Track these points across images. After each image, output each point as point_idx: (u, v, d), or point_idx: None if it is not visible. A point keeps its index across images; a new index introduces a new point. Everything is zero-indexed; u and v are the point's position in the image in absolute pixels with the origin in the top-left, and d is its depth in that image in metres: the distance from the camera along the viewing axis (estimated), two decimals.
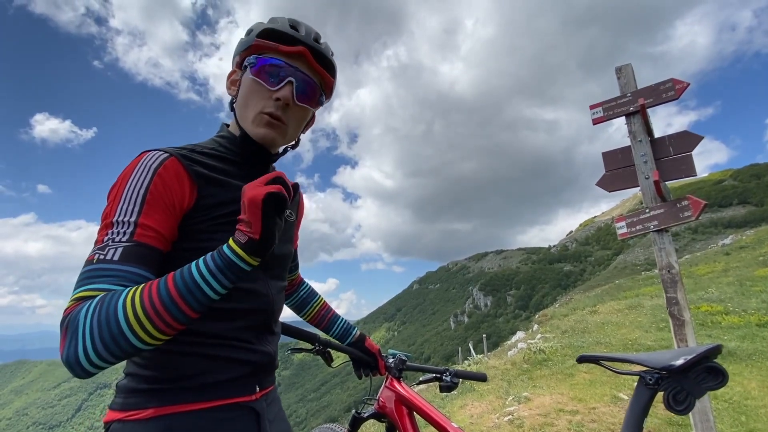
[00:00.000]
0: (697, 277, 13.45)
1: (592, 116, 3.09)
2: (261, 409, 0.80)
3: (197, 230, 0.73)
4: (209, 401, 0.72)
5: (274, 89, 0.79)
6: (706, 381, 0.70)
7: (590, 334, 7.57)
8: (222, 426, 0.73)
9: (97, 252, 0.65)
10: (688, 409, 0.72)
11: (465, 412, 4.22)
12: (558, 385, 4.68)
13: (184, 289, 0.60)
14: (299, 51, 0.81)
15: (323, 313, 1.25)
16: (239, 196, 0.76)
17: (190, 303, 0.60)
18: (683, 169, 2.71)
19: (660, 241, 2.64)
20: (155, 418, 0.68)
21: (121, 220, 0.67)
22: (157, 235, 0.69)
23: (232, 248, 0.63)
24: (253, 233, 0.62)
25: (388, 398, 1.24)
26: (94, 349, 0.57)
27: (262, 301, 0.81)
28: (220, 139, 0.86)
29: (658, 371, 0.75)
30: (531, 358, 6.11)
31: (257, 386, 0.80)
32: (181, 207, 0.72)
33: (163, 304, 0.59)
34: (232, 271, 0.62)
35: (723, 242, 27.14)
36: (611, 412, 3.61)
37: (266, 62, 0.79)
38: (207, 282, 0.61)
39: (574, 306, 14.12)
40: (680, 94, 2.77)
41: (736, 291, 9.43)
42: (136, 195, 0.68)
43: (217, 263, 0.62)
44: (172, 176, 0.71)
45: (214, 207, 0.75)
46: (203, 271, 0.61)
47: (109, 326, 0.57)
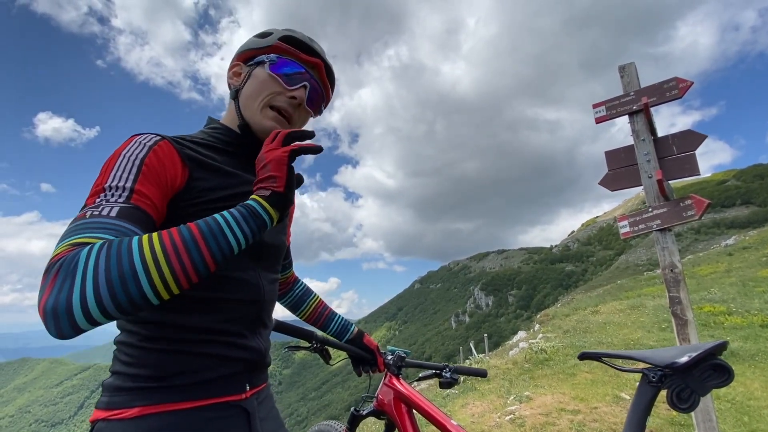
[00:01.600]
0: (700, 278, 13.40)
1: (594, 115, 3.08)
2: (251, 408, 0.78)
3: (186, 214, 0.71)
4: (197, 400, 0.70)
5: (291, 88, 0.84)
6: (711, 378, 0.70)
7: (592, 334, 7.55)
8: (210, 426, 0.71)
9: (89, 209, 0.60)
10: (692, 407, 0.71)
11: (466, 411, 4.21)
12: (559, 384, 4.67)
13: (207, 232, 0.58)
14: (317, 63, 0.88)
15: (320, 311, 1.23)
16: (231, 183, 0.78)
17: (211, 248, 0.57)
18: (687, 168, 2.69)
19: (663, 240, 2.63)
20: (140, 417, 0.66)
21: (116, 185, 0.63)
22: (152, 204, 0.66)
23: (257, 200, 0.65)
24: (277, 187, 0.65)
25: (386, 395, 1.24)
26: (96, 293, 0.49)
27: (252, 292, 0.79)
28: (211, 130, 0.86)
29: (661, 368, 0.75)
30: (532, 358, 6.10)
31: (247, 384, 0.78)
32: (173, 186, 0.70)
33: (185, 245, 0.55)
34: (256, 221, 0.63)
35: (726, 243, 27.03)
36: (613, 412, 3.60)
37: (288, 63, 0.84)
38: (231, 228, 0.60)
39: (576, 306, 14.08)
40: (684, 93, 2.75)
41: (738, 291, 9.38)
42: (131, 165, 0.66)
43: (242, 212, 0.62)
44: (166, 155, 0.71)
45: (205, 191, 0.74)
46: (228, 217, 0.61)
47: (120, 264, 0.50)
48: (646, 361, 0.78)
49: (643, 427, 0.76)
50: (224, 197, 0.75)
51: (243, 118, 0.84)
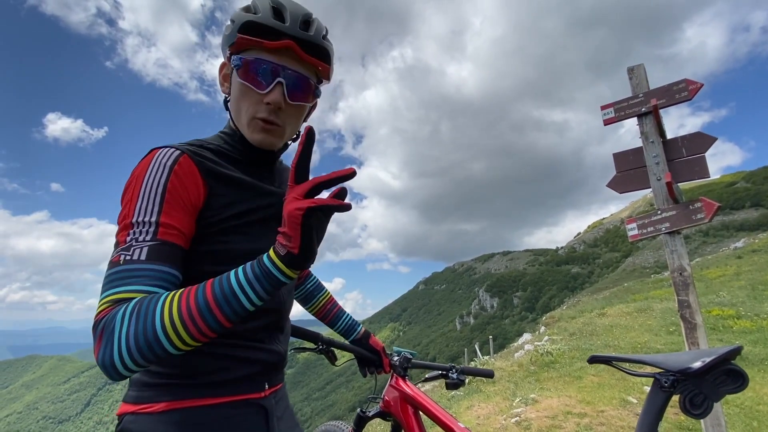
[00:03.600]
0: (708, 281, 13.22)
1: (603, 117, 3.06)
2: (270, 406, 0.82)
3: (209, 233, 0.73)
4: (220, 397, 0.74)
5: (264, 92, 0.74)
6: (725, 384, 0.69)
7: (598, 337, 7.49)
8: (231, 421, 0.74)
9: (121, 252, 0.63)
10: (706, 413, 0.71)
11: (471, 413, 4.19)
12: (566, 387, 4.63)
13: (221, 296, 0.59)
14: (285, 45, 0.72)
15: (329, 307, 1.24)
16: (247, 196, 0.78)
17: (225, 312, 0.59)
18: (696, 170, 2.66)
19: (672, 243, 2.60)
20: (167, 411, 0.70)
21: (142, 220, 0.65)
22: (179, 233, 0.68)
23: (272, 259, 0.60)
24: (292, 248, 0.59)
25: (392, 397, 1.24)
26: (130, 355, 0.56)
27: (273, 302, 0.82)
28: (225, 135, 0.84)
29: (674, 374, 0.74)
30: (538, 360, 6.05)
31: (266, 384, 0.82)
32: (196, 205, 0.71)
33: (200, 311, 0.58)
34: (270, 282, 0.60)
35: (735, 245, 26.66)
36: (620, 416, 3.56)
37: (251, 63, 0.73)
38: (244, 291, 0.59)
39: (582, 308, 13.97)
40: (693, 95, 2.72)
41: (748, 295, 9.25)
42: (154, 194, 0.67)
43: (256, 272, 0.60)
44: (186, 173, 0.70)
45: (225, 207, 0.74)
46: (242, 279, 0.60)
47: (146, 332, 0.56)
48: (658, 365, 0.77)
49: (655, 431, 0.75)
50: (241, 213, 0.75)
51: (238, 130, 0.81)
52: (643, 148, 2.84)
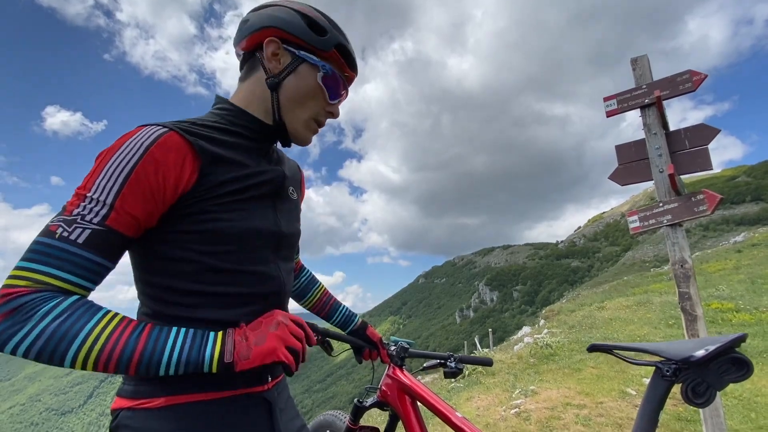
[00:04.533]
0: (708, 275, 13.24)
1: (606, 108, 3.02)
2: (272, 399, 0.79)
3: (199, 210, 0.68)
4: (222, 391, 0.71)
5: (332, 103, 0.83)
6: (730, 373, 0.68)
7: (598, 330, 7.51)
8: (234, 416, 0.72)
9: (62, 224, 0.59)
10: (708, 402, 0.70)
11: (471, 404, 4.22)
12: (565, 379, 4.66)
13: (147, 358, 0.59)
14: (353, 78, 0.88)
15: (324, 300, 1.21)
16: (244, 174, 0.74)
17: (139, 369, 0.59)
18: (699, 162, 2.64)
19: (673, 235, 2.59)
20: (167, 407, 0.67)
21: (97, 197, 0.61)
22: (133, 221, 0.63)
23: (212, 358, 0.62)
24: (242, 363, 0.63)
25: (390, 387, 1.23)
26: (30, 348, 0.54)
27: (274, 284, 0.78)
28: (222, 111, 0.79)
29: (676, 362, 0.73)
30: (538, 353, 6.08)
31: (269, 376, 0.79)
32: (175, 191, 0.66)
33: (120, 358, 0.58)
34: (194, 369, 0.62)
35: (735, 239, 26.67)
36: (619, 407, 3.58)
37: (338, 77, 0.82)
38: (168, 366, 0.61)
39: (582, 302, 14.01)
40: (697, 86, 2.69)
41: (747, 288, 9.27)
42: (118, 173, 0.62)
43: (190, 358, 0.62)
44: (168, 156, 0.65)
45: (219, 185, 0.70)
46: (174, 355, 0.61)
47: (61, 342, 0.55)
48: (660, 354, 0.76)
49: (655, 421, 0.74)
50: (237, 190, 0.72)
51: (281, 117, 0.79)
52: (645, 140, 2.81)
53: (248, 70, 0.82)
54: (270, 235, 0.77)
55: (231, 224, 0.70)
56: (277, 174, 0.81)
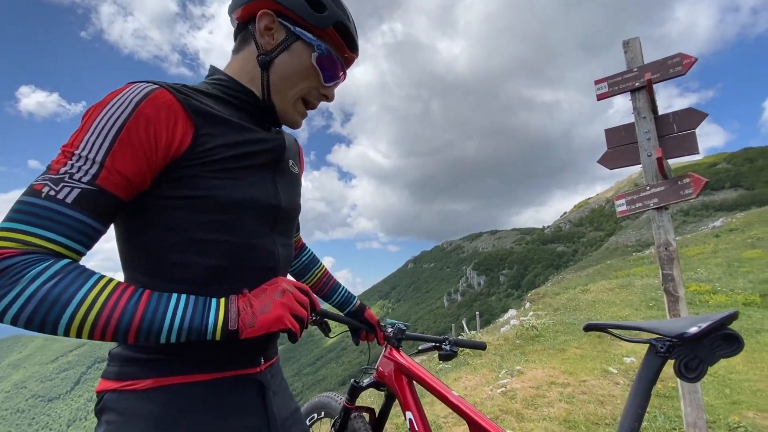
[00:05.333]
0: (688, 258, 13.69)
1: (596, 92, 3.02)
2: (266, 382, 0.77)
3: (192, 176, 0.64)
4: (213, 373, 0.69)
5: (327, 85, 0.80)
6: (721, 348, 0.69)
7: (581, 312, 7.73)
8: (226, 398, 0.70)
9: (48, 183, 0.55)
10: (700, 377, 0.71)
11: (459, 384, 4.32)
12: (550, 359, 4.80)
13: (147, 325, 0.56)
14: (353, 60, 0.84)
15: (325, 280, 1.21)
16: (244, 140, 0.71)
17: (138, 337, 0.56)
18: (686, 146, 2.68)
19: (659, 218, 2.64)
20: (155, 389, 0.65)
21: (86, 155, 0.57)
22: (125, 182, 0.59)
23: (216, 324, 0.60)
24: (247, 330, 0.62)
25: (386, 367, 1.24)
26: (18, 315, 0.51)
27: (268, 259, 0.74)
28: (216, 82, 0.75)
29: (669, 339, 0.74)
30: (523, 334, 6.24)
31: (262, 358, 0.77)
32: (167, 152, 0.62)
33: (118, 325, 0.54)
34: (198, 336, 0.60)
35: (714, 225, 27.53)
36: (600, 385, 3.72)
37: (334, 58, 0.78)
38: (170, 333, 0.58)
39: (566, 285, 14.37)
40: (687, 70, 2.70)
41: (724, 271, 9.63)
42: (108, 129, 0.58)
43: (193, 325, 0.59)
44: (159, 113, 0.61)
45: (214, 150, 0.66)
46: (176, 322, 0.58)
47: (53, 308, 0.51)
48: (655, 331, 0.77)
49: (648, 395, 0.76)
50: (233, 157, 0.68)
51: (269, 97, 0.76)
52: (634, 124, 2.83)
53: (241, 42, 0.78)
54: (268, 207, 0.74)
55: (226, 192, 0.66)
56: (277, 143, 0.77)
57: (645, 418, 2.83)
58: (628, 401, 0.76)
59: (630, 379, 3.88)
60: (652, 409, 2.98)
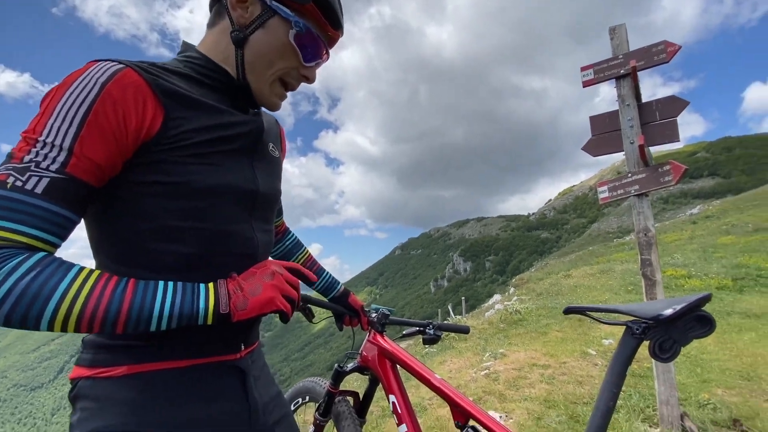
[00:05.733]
0: (665, 244, 14.12)
1: (582, 78, 3.03)
2: (246, 367, 0.75)
3: (165, 161, 0.61)
4: (191, 359, 0.67)
5: (307, 66, 0.75)
6: (694, 329, 0.71)
7: (563, 296, 7.94)
8: (205, 385, 0.68)
9: (12, 173, 0.51)
10: (673, 357, 0.73)
11: (444, 367, 4.41)
12: (532, 342, 4.93)
13: (135, 315, 0.55)
14: (337, 36, 0.78)
15: (308, 265, 1.19)
16: (219, 123, 0.67)
17: (127, 328, 0.55)
18: (668, 134, 2.72)
19: (639, 205, 2.70)
20: (129, 375, 0.63)
21: (51, 142, 0.53)
22: (95, 168, 0.56)
23: (207, 309, 0.60)
24: (239, 313, 0.62)
25: (370, 352, 1.25)
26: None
27: (246, 245, 0.72)
28: (189, 60, 0.71)
29: (645, 321, 0.76)
30: (507, 318, 6.38)
31: (242, 344, 0.75)
32: (137, 135, 0.59)
33: (105, 317, 0.53)
34: (188, 322, 0.59)
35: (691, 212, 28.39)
36: (580, 366, 3.84)
37: (314, 36, 0.73)
38: (160, 322, 0.57)
39: (549, 270, 14.71)
40: (671, 57, 2.73)
41: (699, 257, 9.97)
42: (74, 113, 0.54)
43: (183, 311, 0.58)
44: (126, 94, 0.57)
45: (188, 134, 0.63)
46: (165, 310, 0.57)
47: (32, 306, 0.49)
48: (631, 314, 0.79)
49: (623, 375, 0.78)
50: (207, 141, 0.65)
51: (244, 77, 0.72)
52: (618, 112, 2.86)
53: (215, 15, 0.73)
54: (245, 193, 0.71)
55: (200, 178, 0.64)
56: (254, 126, 0.74)
57: (620, 396, 2.95)
58: (604, 380, 0.78)
59: (608, 360, 4.02)
60: (627, 388, 3.10)
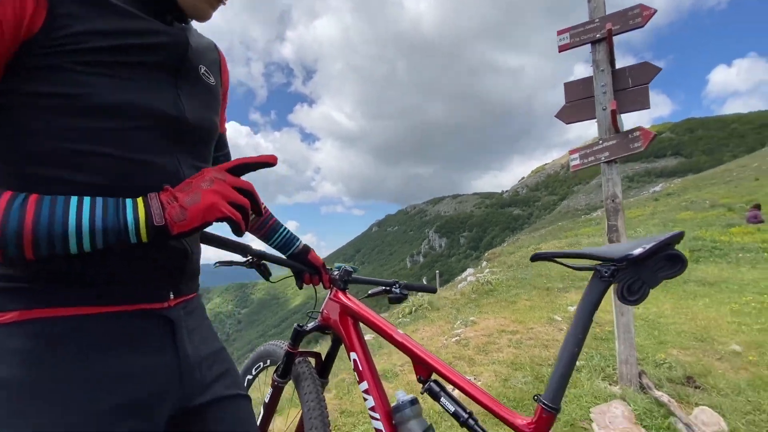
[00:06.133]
0: (628, 220, 14.79)
1: (558, 43, 2.97)
2: (176, 318, 0.66)
3: (56, 66, 0.51)
4: (102, 306, 0.57)
5: None
6: (664, 269, 0.67)
7: (533, 268, 8.20)
8: (120, 336, 0.58)
9: None
10: (641, 299, 0.70)
11: (416, 335, 4.47)
12: (502, 310, 5.07)
13: (44, 230, 0.47)
14: None
15: (263, 221, 1.07)
16: (128, 29, 0.55)
17: (39, 247, 0.47)
18: (639, 101, 2.72)
19: (609, 171, 2.72)
20: (22, 322, 0.53)
21: None
22: None
23: (138, 222, 0.51)
24: (179, 226, 0.52)
25: (332, 310, 1.18)
26: None
27: (171, 181, 0.60)
28: None
29: (614, 263, 0.71)
30: (479, 289, 6.54)
31: (171, 293, 0.65)
32: (16, 31, 0.48)
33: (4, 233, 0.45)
34: (116, 240, 0.51)
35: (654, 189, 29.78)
36: (546, 331, 3.99)
37: None
38: (80, 236, 0.48)
39: (520, 245, 15.16)
40: (646, 21, 2.69)
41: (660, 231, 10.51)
42: None
43: (106, 224, 0.50)
44: None
45: (83, 35, 0.52)
46: (85, 224, 0.49)
47: None
48: (600, 256, 0.74)
49: (590, 322, 0.75)
50: (115, 48, 0.54)
51: None
52: (593, 78, 2.83)
53: None
54: (165, 118, 0.60)
55: (100, 91, 0.53)
56: (176, 39, 0.62)
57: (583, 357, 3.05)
58: (570, 327, 0.74)
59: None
60: (589, 350, 3.23)
